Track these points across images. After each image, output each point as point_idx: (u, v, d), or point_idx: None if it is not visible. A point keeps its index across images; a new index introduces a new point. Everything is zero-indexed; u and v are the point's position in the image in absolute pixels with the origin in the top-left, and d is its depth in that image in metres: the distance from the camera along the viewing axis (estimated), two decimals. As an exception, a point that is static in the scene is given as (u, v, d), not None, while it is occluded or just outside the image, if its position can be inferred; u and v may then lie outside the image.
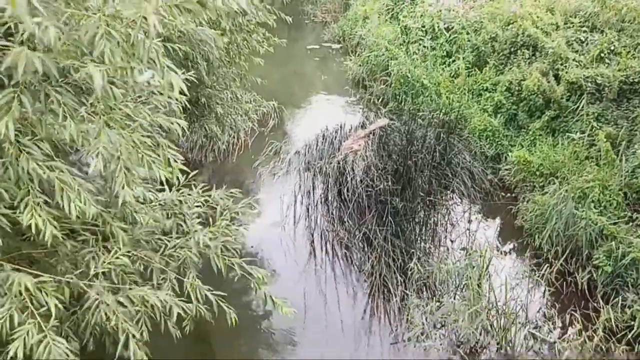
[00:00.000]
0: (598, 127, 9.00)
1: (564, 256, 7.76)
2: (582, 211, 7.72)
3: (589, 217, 7.62)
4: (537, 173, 9.08)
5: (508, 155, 9.83)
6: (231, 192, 5.63)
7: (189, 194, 5.33)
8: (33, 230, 3.72)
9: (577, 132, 9.27)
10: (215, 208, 5.45)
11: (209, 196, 5.42)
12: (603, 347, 6.35)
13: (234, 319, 4.76)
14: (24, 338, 3.71)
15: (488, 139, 10.28)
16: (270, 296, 4.99)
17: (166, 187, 5.26)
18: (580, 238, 7.69)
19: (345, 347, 6.85)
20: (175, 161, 4.40)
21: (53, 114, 3.65)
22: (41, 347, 3.77)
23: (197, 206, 5.33)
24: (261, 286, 4.98)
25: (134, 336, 4.18)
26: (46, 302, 3.87)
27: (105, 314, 4.16)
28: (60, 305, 3.95)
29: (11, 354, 3.68)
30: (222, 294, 4.85)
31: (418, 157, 9.16)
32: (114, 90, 3.66)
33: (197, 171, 5.70)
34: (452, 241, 8.62)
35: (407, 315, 7.06)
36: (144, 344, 4.40)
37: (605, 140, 8.48)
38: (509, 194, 9.58)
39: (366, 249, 8.27)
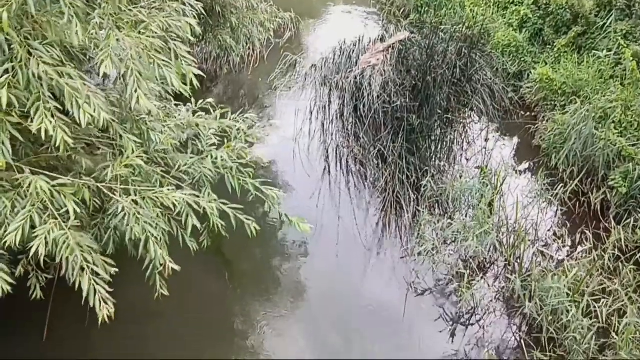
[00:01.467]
0: (625, 45, 8.63)
1: (580, 176, 7.71)
2: (602, 132, 7.58)
3: (608, 137, 7.49)
4: (559, 92, 8.84)
5: (531, 72, 9.55)
6: (247, 117, 5.61)
7: (205, 119, 5.30)
8: (43, 136, 3.76)
9: (603, 49, 8.93)
10: (232, 128, 5.45)
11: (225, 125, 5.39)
12: (611, 266, 6.43)
13: (254, 229, 4.83)
14: (45, 236, 3.84)
15: (511, 55, 9.94)
16: (285, 214, 5.06)
17: (181, 106, 5.23)
18: (597, 159, 7.61)
19: (356, 260, 7.03)
20: (190, 64, 4.33)
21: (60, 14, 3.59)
22: (61, 240, 3.88)
23: (213, 129, 5.32)
24: (275, 205, 5.05)
25: (154, 236, 4.29)
26: (65, 204, 3.98)
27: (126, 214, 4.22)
28: (77, 209, 4.05)
29: (33, 250, 3.82)
30: (239, 206, 4.92)
31: (438, 73, 8.92)
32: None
33: (213, 84, 5.64)
34: (467, 159, 8.59)
35: (418, 231, 7.16)
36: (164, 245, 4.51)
37: (631, 59, 8.16)
38: (528, 113, 9.40)
39: (380, 165, 8.28)
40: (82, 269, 4.01)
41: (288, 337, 6.06)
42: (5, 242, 3.80)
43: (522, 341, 5.88)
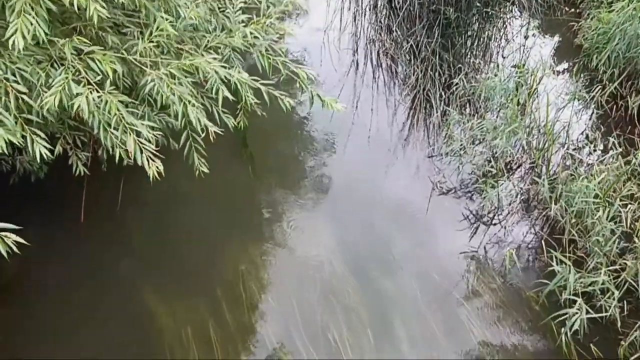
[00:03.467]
0: None
1: (620, 79, 7.39)
2: (649, 32, 7.15)
3: (655, 38, 7.07)
4: (608, -14, 8.27)
5: (580, -36, 8.90)
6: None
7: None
8: (75, 8, 3.70)
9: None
10: (259, 3, 5.26)
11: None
12: (640, 171, 6.32)
13: (288, 103, 4.78)
14: (87, 95, 3.88)
15: (562, -57, 9.22)
16: (317, 94, 4.96)
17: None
18: (640, 61, 7.25)
19: (381, 157, 7.03)
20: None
21: None
22: (102, 99, 3.95)
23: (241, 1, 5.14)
24: (307, 86, 4.95)
25: (190, 103, 4.28)
26: (100, 70, 4.00)
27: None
28: (114, 71, 4.06)
29: (75, 107, 3.87)
30: (270, 81, 4.82)
31: (479, -38, 8.38)
32: None
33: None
34: (504, 57, 8.25)
35: (447, 130, 7.06)
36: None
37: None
38: (573, 9, 8.88)
39: (412, 61, 8.02)
40: (125, 130, 4.04)
41: (311, 230, 6.20)
42: (46, 103, 3.83)
43: (543, 242, 5.93)
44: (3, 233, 3.54)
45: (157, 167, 4.11)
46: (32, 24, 3.68)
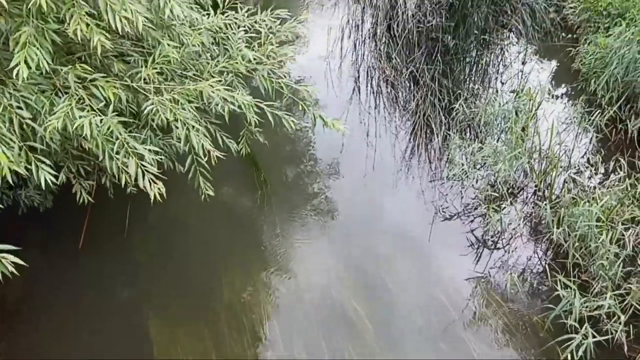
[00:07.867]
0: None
1: (618, 103, 7.45)
2: (646, 56, 7.24)
3: (653, 63, 7.16)
4: (604, 13, 8.39)
5: (576, -9, 9.05)
6: (277, 14, 5.51)
7: (235, 17, 5.22)
8: (79, 38, 3.75)
9: (656, -34, 8.36)
10: (261, 32, 5.36)
11: (255, 21, 5.29)
12: (643, 194, 6.33)
13: (292, 122, 4.80)
14: (90, 120, 3.92)
15: (556, -27, 9.40)
16: (320, 116, 5.01)
17: (211, 11, 5.16)
18: (638, 85, 7.31)
19: (384, 182, 7.05)
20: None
21: None
22: (104, 127, 3.99)
23: (243, 30, 5.24)
24: (310, 107, 5.00)
25: (194, 128, 4.31)
26: (103, 97, 4.06)
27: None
28: (115, 97, 4.11)
29: (75, 125, 3.89)
30: (274, 103, 4.87)
31: (476, -9, 8.53)
32: None
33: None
34: (502, 83, 8.34)
35: (448, 155, 7.10)
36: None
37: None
38: (570, 35, 9.00)
39: (412, 87, 8.12)
40: (127, 153, 4.07)
41: (315, 255, 6.21)
42: (49, 125, 3.86)
43: (547, 266, 5.91)
44: (1, 255, 3.53)
45: (159, 189, 4.13)
46: (36, 55, 3.75)
